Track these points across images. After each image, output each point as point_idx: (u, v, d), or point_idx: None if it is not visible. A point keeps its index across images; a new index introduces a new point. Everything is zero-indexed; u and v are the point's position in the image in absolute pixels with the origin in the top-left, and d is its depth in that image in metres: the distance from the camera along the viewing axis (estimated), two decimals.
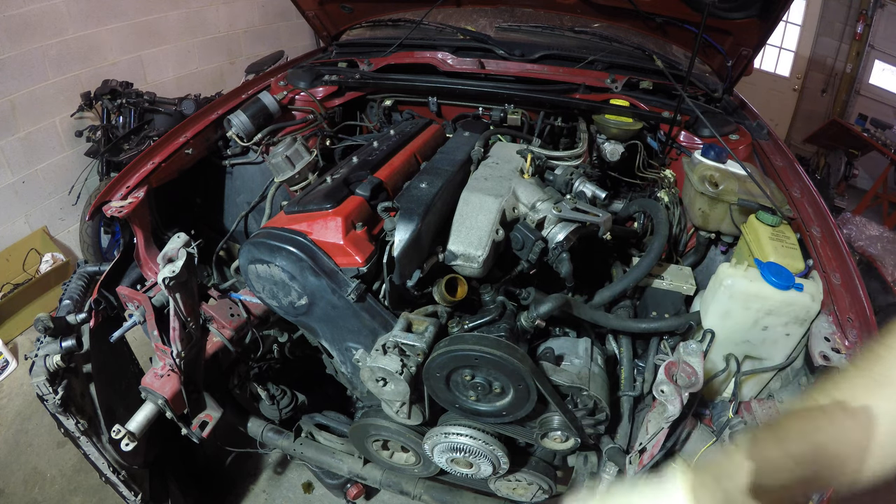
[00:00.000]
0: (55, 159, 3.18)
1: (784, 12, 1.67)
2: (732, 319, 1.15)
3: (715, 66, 1.98)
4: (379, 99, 2.07)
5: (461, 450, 1.26)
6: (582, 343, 1.24)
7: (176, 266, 1.08)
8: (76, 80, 3.16)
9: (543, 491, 1.41)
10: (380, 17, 2.22)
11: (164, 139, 1.63)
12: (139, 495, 1.57)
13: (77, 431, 1.37)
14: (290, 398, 1.69)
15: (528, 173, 1.39)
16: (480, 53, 1.91)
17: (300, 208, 1.17)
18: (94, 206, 1.46)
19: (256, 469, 2.25)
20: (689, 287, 1.36)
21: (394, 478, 1.59)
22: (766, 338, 1.14)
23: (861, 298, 1.12)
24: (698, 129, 1.68)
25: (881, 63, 4.34)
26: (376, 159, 1.37)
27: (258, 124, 1.75)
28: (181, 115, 3.07)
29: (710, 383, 1.20)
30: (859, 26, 4.29)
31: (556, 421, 1.14)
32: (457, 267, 1.19)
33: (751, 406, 1.19)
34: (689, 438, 1.19)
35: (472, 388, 1.09)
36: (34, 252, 3.07)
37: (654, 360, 1.27)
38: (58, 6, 2.98)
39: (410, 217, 1.15)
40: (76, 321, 1.34)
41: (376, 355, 1.09)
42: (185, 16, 3.79)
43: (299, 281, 1.12)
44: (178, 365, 1.26)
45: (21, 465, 2.27)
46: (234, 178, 1.83)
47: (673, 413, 0.97)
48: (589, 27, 1.99)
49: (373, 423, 1.37)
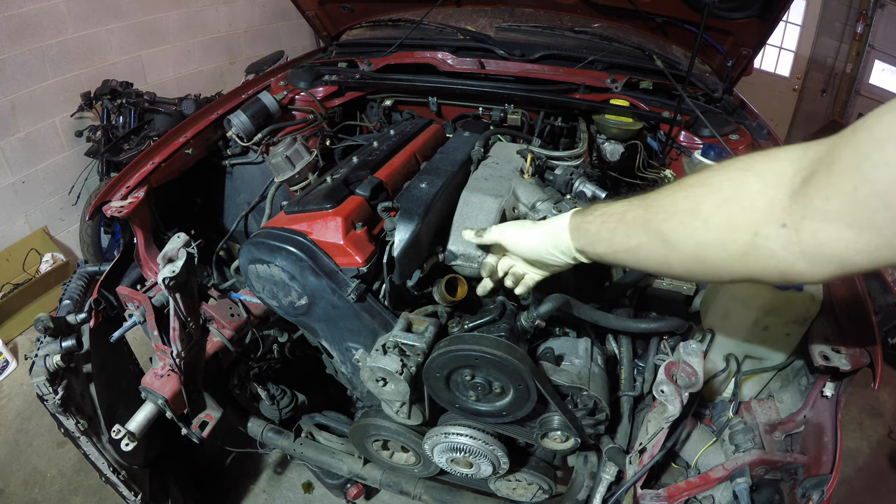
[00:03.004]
0: (55, 159, 3.19)
1: (784, 12, 1.67)
2: (732, 319, 1.15)
3: (715, 66, 1.98)
4: (379, 99, 2.07)
5: (461, 450, 1.26)
6: (582, 343, 1.24)
7: (176, 266, 1.08)
8: (76, 80, 3.16)
9: (543, 491, 1.41)
10: (380, 17, 2.22)
11: (164, 139, 1.63)
12: (139, 495, 1.57)
13: (77, 431, 1.37)
14: (290, 398, 1.68)
15: (528, 173, 1.39)
16: (480, 53, 1.91)
17: (300, 208, 1.17)
18: (94, 206, 1.45)
19: (256, 469, 2.25)
20: (689, 287, 1.36)
21: (394, 478, 1.59)
22: (766, 338, 1.14)
23: (861, 298, 1.12)
24: (698, 129, 1.68)
25: (881, 63, 4.33)
26: (376, 159, 1.37)
27: (258, 124, 1.75)
28: (181, 115, 3.07)
29: (710, 383, 1.20)
30: (859, 26, 4.28)
31: (556, 421, 1.14)
32: (457, 267, 1.19)
33: (751, 406, 1.19)
34: (689, 438, 1.19)
35: (472, 388, 1.09)
36: (34, 252, 3.07)
37: (654, 360, 1.27)
38: (58, 6, 2.98)
39: (410, 217, 1.15)
40: (76, 321, 1.34)
41: (376, 355, 1.09)
42: (185, 16, 3.79)
43: (299, 281, 1.12)
44: (178, 365, 1.26)
45: (21, 465, 2.27)
46: (234, 178, 1.83)
47: (673, 413, 0.97)
48: (589, 27, 1.99)
49: (373, 423, 1.37)
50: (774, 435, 1.11)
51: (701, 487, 1.08)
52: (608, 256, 0.81)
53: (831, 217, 0.51)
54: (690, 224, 0.65)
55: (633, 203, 0.75)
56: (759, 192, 0.58)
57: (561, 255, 0.90)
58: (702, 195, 0.64)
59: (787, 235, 0.55)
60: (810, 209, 0.52)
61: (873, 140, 0.47)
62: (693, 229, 0.65)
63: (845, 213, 0.49)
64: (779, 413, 1.16)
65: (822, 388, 1.06)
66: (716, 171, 0.65)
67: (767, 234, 0.57)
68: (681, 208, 0.67)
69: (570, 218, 0.87)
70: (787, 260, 0.56)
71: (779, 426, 1.13)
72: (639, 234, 0.72)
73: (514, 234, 0.99)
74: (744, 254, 0.60)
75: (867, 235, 0.49)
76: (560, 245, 0.89)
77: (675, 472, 1.20)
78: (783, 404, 1.17)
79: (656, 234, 0.69)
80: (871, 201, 0.47)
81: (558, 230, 0.89)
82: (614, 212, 0.78)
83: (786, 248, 0.55)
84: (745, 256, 0.60)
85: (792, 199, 0.55)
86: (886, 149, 0.46)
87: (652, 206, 0.71)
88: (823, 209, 0.51)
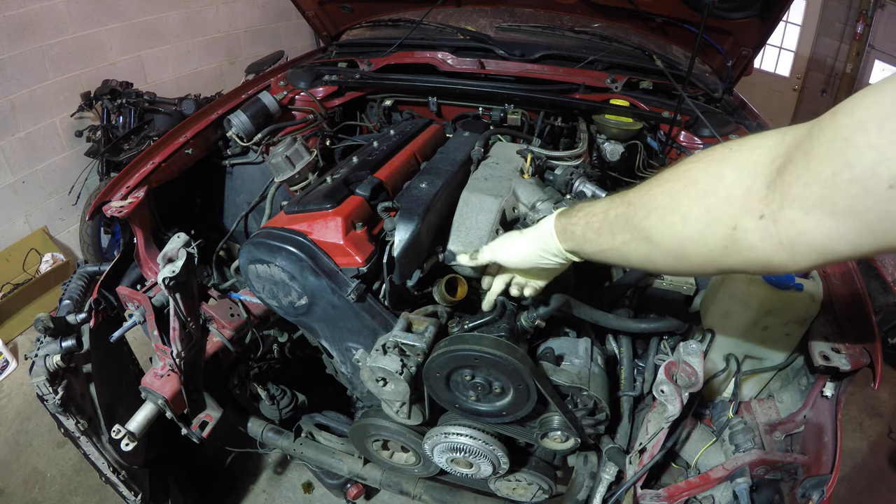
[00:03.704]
0: (55, 159, 3.18)
1: (784, 12, 1.67)
2: (732, 319, 1.15)
3: (715, 66, 1.98)
4: (379, 99, 2.07)
5: (461, 450, 1.26)
6: (582, 343, 1.24)
7: (176, 266, 1.08)
8: (76, 80, 3.16)
9: (543, 491, 1.41)
10: (380, 17, 2.22)
11: (164, 139, 1.63)
12: (139, 495, 1.57)
13: (77, 431, 1.37)
14: (290, 398, 1.69)
15: (528, 173, 1.39)
16: (480, 53, 1.91)
17: (300, 208, 1.17)
18: (94, 206, 1.45)
19: (256, 469, 2.25)
20: (689, 287, 1.36)
21: (394, 478, 1.59)
22: (766, 338, 1.14)
23: (861, 298, 1.12)
24: (698, 129, 1.68)
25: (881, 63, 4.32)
26: (376, 159, 1.37)
27: (258, 124, 1.75)
28: (181, 115, 3.07)
29: (710, 383, 1.20)
30: (859, 26, 4.28)
31: (556, 421, 1.14)
32: (457, 267, 1.19)
33: (751, 406, 1.19)
34: (689, 438, 1.19)
35: (472, 388, 1.09)
36: (34, 252, 3.07)
37: (654, 360, 1.27)
38: (58, 6, 2.98)
39: (410, 217, 1.15)
40: (76, 321, 1.34)
41: (376, 355, 1.09)
42: (185, 16, 3.79)
43: (299, 281, 1.12)
44: (178, 365, 1.26)
45: (21, 465, 2.27)
46: (234, 178, 1.83)
47: (673, 413, 0.97)
48: (589, 27, 1.99)
49: (373, 423, 1.37)
50: (774, 435, 1.11)
51: (701, 487, 1.08)
52: (597, 256, 0.81)
53: (810, 205, 0.49)
54: (669, 220, 0.64)
55: (615, 201, 0.74)
56: (736, 183, 0.56)
57: (553, 257, 0.90)
58: (679, 189, 0.63)
59: (766, 227, 0.53)
60: (788, 197, 0.51)
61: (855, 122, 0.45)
62: (672, 224, 0.64)
63: (825, 200, 0.47)
64: (779, 413, 1.16)
65: (822, 388, 1.06)
66: (692, 163, 0.64)
67: (746, 226, 0.55)
68: (659, 204, 0.66)
69: (556, 220, 0.87)
70: (766, 251, 0.54)
71: (779, 426, 1.12)
72: (622, 233, 0.72)
73: (505, 249, 0.99)
74: (724, 247, 0.58)
75: (849, 223, 0.47)
76: (550, 248, 0.89)
77: (675, 472, 1.20)
78: (783, 404, 1.17)
79: (638, 232, 0.69)
80: (852, 187, 0.45)
81: (545, 234, 0.89)
82: (597, 211, 0.78)
83: (764, 240, 0.54)
84: (726, 250, 0.58)
85: (769, 189, 0.53)
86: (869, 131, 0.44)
87: (633, 203, 0.70)
88: (802, 197, 0.49)
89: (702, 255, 0.62)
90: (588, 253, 0.82)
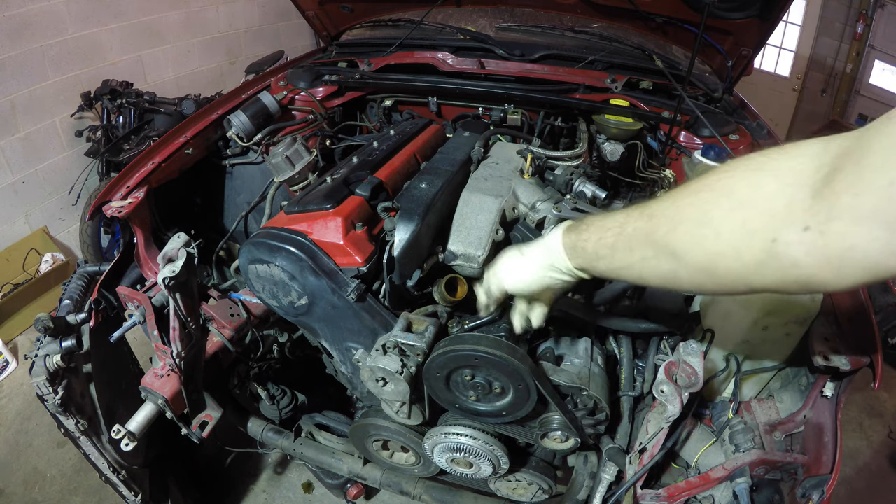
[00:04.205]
0: (55, 159, 3.19)
1: (784, 12, 1.67)
2: (732, 319, 1.15)
3: (715, 66, 1.98)
4: (379, 99, 2.07)
5: (461, 450, 1.26)
6: (582, 343, 1.24)
7: (176, 266, 1.08)
8: (76, 80, 3.16)
9: (543, 491, 1.41)
10: (380, 17, 2.22)
11: (164, 139, 1.63)
12: (139, 495, 1.57)
13: (77, 431, 1.37)
14: (290, 398, 1.69)
15: (528, 173, 1.39)
16: (480, 53, 1.90)
17: (300, 208, 1.17)
18: (94, 206, 1.45)
19: (256, 469, 2.25)
20: None
21: (394, 478, 1.59)
22: (766, 338, 1.14)
23: (861, 298, 1.12)
24: (698, 129, 1.68)
25: (881, 63, 4.33)
26: (376, 159, 1.37)
27: (258, 124, 1.75)
28: (181, 115, 3.07)
29: (710, 383, 1.20)
30: (859, 26, 4.28)
31: (556, 421, 1.14)
32: (457, 267, 1.19)
33: (751, 406, 1.19)
34: (689, 438, 1.19)
35: (472, 388, 1.09)
36: (34, 252, 3.07)
37: (654, 360, 1.27)
38: (58, 6, 2.98)
39: (410, 217, 1.15)
40: (76, 321, 1.34)
41: (376, 355, 1.09)
42: (185, 16, 3.79)
43: (299, 281, 1.12)
44: (178, 365, 1.26)
45: (21, 465, 2.27)
46: (234, 178, 1.83)
47: (673, 413, 0.97)
48: (589, 27, 1.99)
49: (373, 423, 1.37)
50: (774, 435, 1.11)
51: (701, 487, 1.08)
52: (610, 273, 0.76)
53: (863, 216, 0.44)
54: (699, 233, 0.59)
55: (632, 215, 0.69)
56: (777, 193, 0.51)
57: (561, 275, 0.85)
58: (711, 200, 0.58)
59: (812, 240, 0.48)
60: (837, 208, 0.46)
61: None
62: (702, 238, 0.59)
63: (879, 210, 0.43)
64: (779, 413, 1.16)
65: (822, 388, 1.06)
66: (724, 172, 0.59)
67: (788, 239, 0.50)
68: (687, 216, 0.61)
69: (563, 236, 0.83)
70: (810, 267, 0.49)
71: (779, 426, 1.13)
72: (641, 249, 0.67)
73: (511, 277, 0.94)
74: (760, 263, 0.53)
75: None
76: (558, 266, 0.84)
77: (675, 472, 1.20)
78: (783, 404, 1.17)
79: (662, 247, 0.63)
80: None
81: (552, 252, 0.84)
82: (611, 226, 0.73)
83: (809, 254, 0.49)
84: (762, 266, 0.53)
85: (815, 199, 0.48)
86: None
87: (654, 216, 0.65)
88: (853, 207, 0.45)
89: (733, 272, 0.57)
90: (600, 270, 0.77)
